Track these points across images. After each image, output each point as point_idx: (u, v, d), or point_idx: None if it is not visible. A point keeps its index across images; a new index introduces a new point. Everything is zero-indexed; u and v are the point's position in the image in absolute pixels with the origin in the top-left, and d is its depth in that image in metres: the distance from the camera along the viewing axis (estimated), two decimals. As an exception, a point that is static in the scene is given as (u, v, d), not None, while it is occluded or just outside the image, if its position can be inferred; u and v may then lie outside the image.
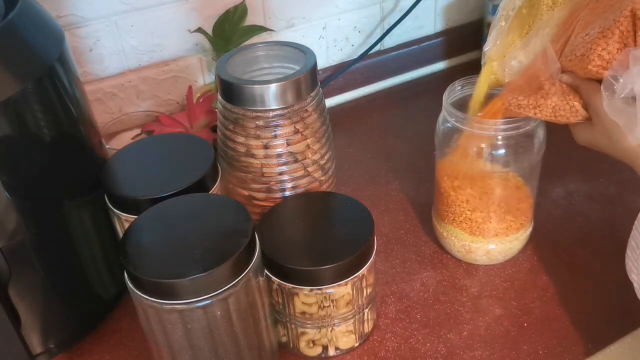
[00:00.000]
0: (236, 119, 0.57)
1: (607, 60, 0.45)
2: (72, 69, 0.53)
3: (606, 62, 0.46)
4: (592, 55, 0.46)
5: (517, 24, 0.54)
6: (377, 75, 0.97)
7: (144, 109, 0.83)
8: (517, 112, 0.53)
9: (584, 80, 0.49)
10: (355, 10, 0.92)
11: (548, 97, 0.51)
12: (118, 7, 0.76)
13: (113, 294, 0.62)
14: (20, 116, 0.47)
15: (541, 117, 0.52)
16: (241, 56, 0.61)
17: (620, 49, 0.45)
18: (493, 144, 0.58)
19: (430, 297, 0.62)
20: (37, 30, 0.50)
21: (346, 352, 0.58)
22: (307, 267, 0.51)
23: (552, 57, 0.50)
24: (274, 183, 0.60)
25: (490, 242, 0.63)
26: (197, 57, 0.83)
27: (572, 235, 0.69)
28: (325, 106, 0.62)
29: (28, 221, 0.50)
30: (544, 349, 0.57)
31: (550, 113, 0.51)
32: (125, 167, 0.58)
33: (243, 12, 0.78)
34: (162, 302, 0.44)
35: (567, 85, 0.50)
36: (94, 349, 0.60)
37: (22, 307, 0.53)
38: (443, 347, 0.58)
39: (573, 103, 0.50)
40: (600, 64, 0.46)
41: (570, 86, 0.50)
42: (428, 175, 0.68)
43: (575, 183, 0.76)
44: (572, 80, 0.50)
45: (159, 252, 0.46)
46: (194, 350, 0.47)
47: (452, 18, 1.01)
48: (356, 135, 0.89)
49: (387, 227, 0.72)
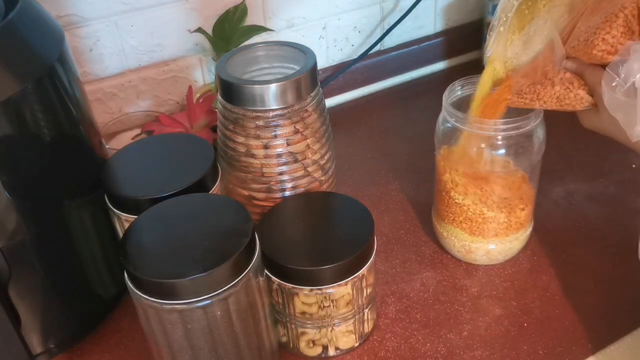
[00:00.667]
0: (236, 119, 0.57)
1: (612, 44, 0.45)
2: (72, 69, 0.53)
3: (610, 46, 0.45)
4: (596, 40, 0.46)
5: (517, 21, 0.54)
6: (377, 75, 0.97)
7: (144, 109, 0.83)
8: (522, 102, 0.53)
9: (589, 66, 0.48)
10: (355, 10, 0.92)
11: (552, 86, 0.50)
12: (118, 7, 0.76)
13: (113, 294, 0.62)
14: (20, 116, 0.47)
15: (547, 107, 0.52)
16: (241, 56, 0.61)
17: (624, 33, 0.45)
18: (493, 144, 0.58)
19: (430, 297, 0.62)
20: (37, 30, 0.50)
21: (346, 352, 0.58)
22: (307, 267, 0.51)
23: (558, 44, 0.50)
24: (274, 183, 0.60)
25: (490, 242, 0.63)
26: (197, 57, 0.83)
27: (572, 235, 0.69)
28: (325, 106, 0.62)
29: (28, 221, 0.50)
30: (544, 349, 0.57)
31: (556, 102, 0.51)
32: (125, 167, 0.58)
33: (243, 12, 0.78)
34: (162, 302, 0.44)
35: (571, 74, 0.50)
36: (94, 349, 0.60)
37: (22, 307, 0.53)
38: (443, 347, 0.58)
39: (577, 91, 0.49)
40: (605, 48, 0.45)
41: (574, 73, 0.49)
42: (428, 175, 0.68)
43: (575, 183, 0.76)
44: (576, 66, 0.49)
45: (159, 252, 0.46)
46: (194, 350, 0.47)
47: (452, 18, 1.01)
48: (356, 135, 0.89)
49: (387, 227, 0.72)
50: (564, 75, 0.50)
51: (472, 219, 0.62)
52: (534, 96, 0.52)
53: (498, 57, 0.55)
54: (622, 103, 0.45)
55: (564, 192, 0.75)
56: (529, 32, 0.53)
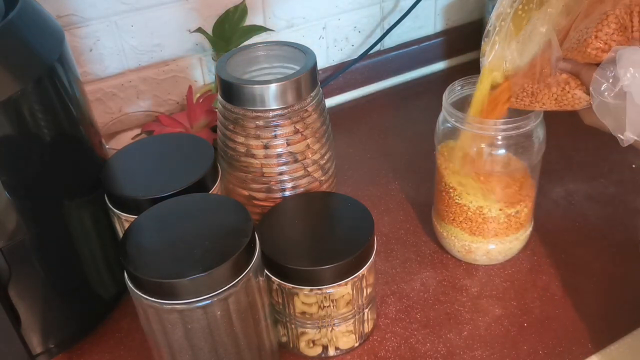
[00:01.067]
0: (236, 119, 0.58)
1: (605, 41, 0.45)
2: (72, 69, 0.53)
3: (604, 43, 0.45)
4: (589, 38, 0.46)
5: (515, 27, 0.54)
6: (377, 75, 0.97)
7: (144, 109, 0.83)
8: (522, 104, 0.53)
9: (585, 65, 0.48)
10: (355, 10, 0.92)
11: (549, 88, 0.50)
12: (118, 7, 0.76)
13: (113, 294, 0.62)
14: (20, 116, 0.47)
15: (546, 108, 0.52)
16: (241, 56, 0.61)
17: (617, 30, 0.45)
18: (493, 144, 0.59)
19: (430, 297, 0.62)
20: (37, 30, 0.50)
21: (346, 352, 0.58)
22: (307, 267, 0.51)
23: (556, 45, 0.50)
24: (274, 183, 0.60)
25: (490, 242, 0.63)
26: (197, 57, 0.83)
27: (572, 235, 0.69)
28: (325, 106, 0.62)
29: (28, 221, 0.50)
30: (544, 349, 0.57)
31: (554, 103, 0.51)
32: (125, 167, 0.58)
33: (243, 12, 0.78)
34: (162, 302, 0.44)
35: (567, 75, 0.50)
36: (94, 349, 0.60)
37: (22, 307, 0.53)
38: (443, 347, 0.58)
39: (574, 92, 0.49)
40: (599, 45, 0.46)
41: (570, 73, 0.50)
42: (428, 175, 0.68)
43: (575, 183, 0.76)
44: (571, 66, 0.49)
45: (159, 252, 0.46)
46: (194, 350, 0.47)
47: (452, 18, 1.01)
48: (356, 135, 0.89)
49: (387, 227, 0.72)
50: (560, 76, 0.50)
51: (472, 219, 0.62)
52: (533, 98, 0.52)
53: (496, 67, 0.55)
54: (612, 107, 0.45)
55: (564, 192, 0.75)
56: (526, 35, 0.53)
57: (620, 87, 0.44)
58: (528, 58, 0.53)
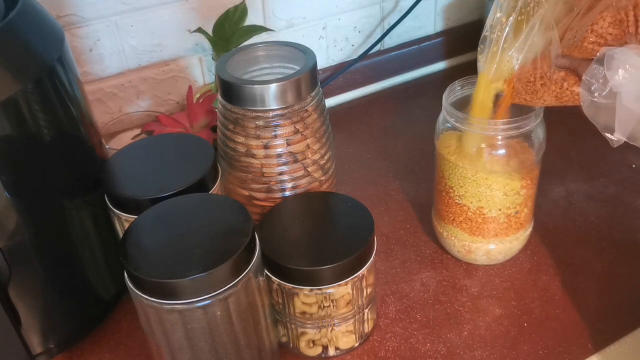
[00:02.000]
0: (236, 119, 0.58)
1: (600, 34, 0.46)
2: (72, 69, 0.53)
3: (600, 36, 0.46)
4: (586, 33, 0.46)
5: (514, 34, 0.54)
6: (377, 75, 0.97)
7: (144, 109, 0.83)
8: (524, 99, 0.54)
9: (582, 61, 0.48)
10: (355, 10, 0.92)
11: (549, 85, 0.51)
12: (118, 7, 0.76)
13: (113, 294, 0.62)
14: (20, 116, 0.47)
15: (547, 104, 0.52)
16: (241, 56, 0.61)
17: (612, 23, 0.45)
18: (493, 144, 0.59)
19: (430, 297, 0.62)
20: (37, 30, 0.50)
21: (346, 352, 0.58)
22: (307, 267, 0.51)
23: (556, 42, 0.50)
24: (274, 183, 0.60)
25: (490, 242, 0.63)
26: (197, 57, 0.83)
27: (572, 235, 0.69)
28: (325, 106, 0.62)
29: (28, 221, 0.50)
30: (544, 349, 0.57)
31: (555, 100, 0.51)
32: (125, 167, 0.58)
33: (243, 12, 0.78)
34: (162, 302, 0.44)
35: (564, 72, 0.50)
36: (94, 349, 0.60)
37: (22, 307, 0.53)
38: (443, 347, 0.58)
39: (572, 88, 0.50)
40: (595, 39, 0.46)
41: (569, 69, 0.50)
42: (428, 175, 0.68)
43: (575, 183, 0.76)
44: (569, 62, 0.49)
45: (159, 252, 0.46)
46: (194, 350, 0.47)
47: (452, 18, 1.01)
48: (356, 135, 0.89)
49: (387, 227, 0.72)
50: (558, 74, 0.50)
51: (472, 219, 0.62)
52: (534, 96, 0.53)
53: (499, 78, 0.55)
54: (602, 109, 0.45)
55: (564, 192, 0.75)
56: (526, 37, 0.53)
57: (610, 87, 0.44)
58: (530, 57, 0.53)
